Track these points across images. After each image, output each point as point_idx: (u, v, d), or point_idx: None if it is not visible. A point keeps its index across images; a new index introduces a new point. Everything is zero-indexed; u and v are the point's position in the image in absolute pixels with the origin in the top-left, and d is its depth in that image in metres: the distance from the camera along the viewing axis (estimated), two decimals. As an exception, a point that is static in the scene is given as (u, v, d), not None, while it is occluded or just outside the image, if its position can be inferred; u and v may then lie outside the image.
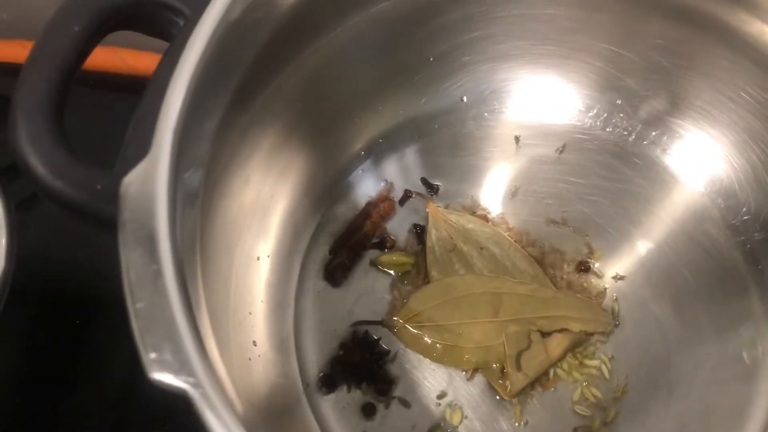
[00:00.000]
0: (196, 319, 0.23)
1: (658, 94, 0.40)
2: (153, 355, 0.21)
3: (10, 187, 0.45)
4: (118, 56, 0.52)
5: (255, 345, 0.35)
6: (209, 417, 0.20)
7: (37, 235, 0.45)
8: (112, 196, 0.26)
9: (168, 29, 0.30)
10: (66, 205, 0.26)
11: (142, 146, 0.26)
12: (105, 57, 0.53)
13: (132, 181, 0.24)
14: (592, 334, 0.37)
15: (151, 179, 0.23)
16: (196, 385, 0.21)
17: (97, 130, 0.37)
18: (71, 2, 0.28)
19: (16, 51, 0.55)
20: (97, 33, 0.29)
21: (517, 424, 0.36)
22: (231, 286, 0.33)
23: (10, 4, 0.56)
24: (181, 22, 0.30)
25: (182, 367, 0.21)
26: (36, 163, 0.26)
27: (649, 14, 0.38)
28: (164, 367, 0.21)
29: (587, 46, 0.40)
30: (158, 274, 0.22)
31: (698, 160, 0.41)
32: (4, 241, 0.42)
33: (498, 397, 0.36)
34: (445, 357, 0.37)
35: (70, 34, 0.28)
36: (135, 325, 0.22)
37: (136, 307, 0.22)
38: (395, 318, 0.38)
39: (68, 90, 0.28)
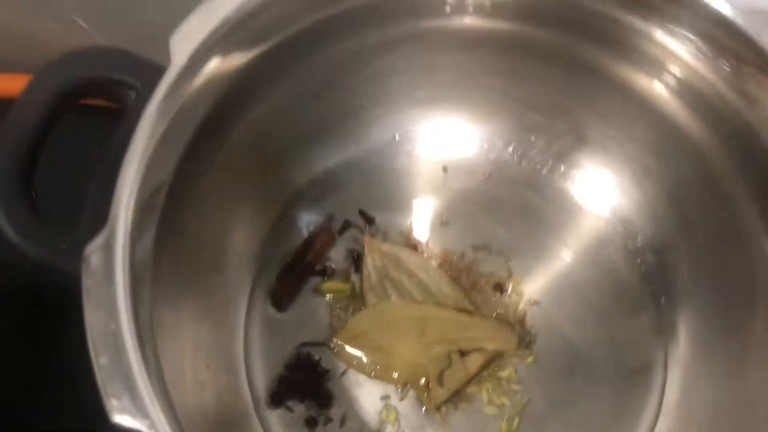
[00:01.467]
0: (151, 364, 0.28)
1: (565, 132, 0.45)
2: (114, 402, 0.26)
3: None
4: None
5: (208, 368, 0.40)
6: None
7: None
8: (75, 255, 0.30)
9: (123, 100, 0.34)
10: (37, 265, 0.31)
11: (100, 213, 0.30)
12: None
13: (93, 251, 0.28)
14: (503, 352, 0.42)
15: (110, 250, 0.28)
16: (151, 426, 0.25)
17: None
18: (36, 84, 0.32)
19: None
20: (60, 107, 0.33)
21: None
22: (185, 320, 0.38)
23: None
24: (134, 95, 0.34)
25: (139, 411, 0.26)
26: (9, 231, 0.30)
27: (550, 63, 0.42)
28: (124, 411, 0.26)
29: (502, 90, 0.45)
30: (117, 333, 0.27)
31: (601, 190, 0.46)
32: None
33: (425, 409, 0.41)
34: (380, 374, 0.42)
35: (37, 111, 0.32)
36: (98, 377, 0.26)
37: (99, 361, 0.26)
38: (335, 339, 0.42)
39: (37, 158, 0.32)
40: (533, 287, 0.45)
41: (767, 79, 0.33)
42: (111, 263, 0.27)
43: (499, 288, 0.44)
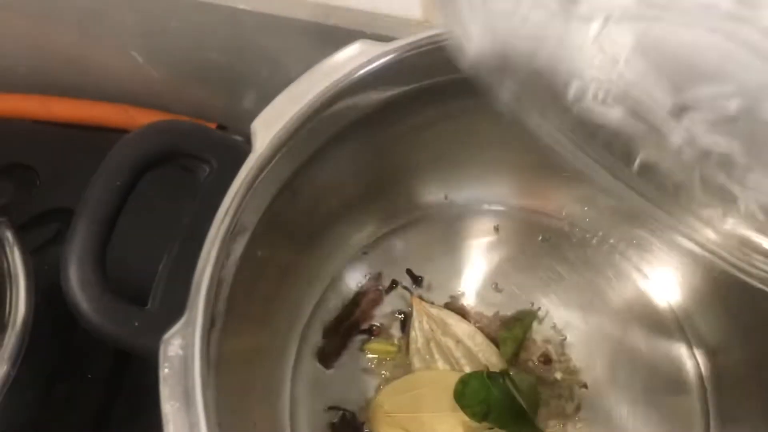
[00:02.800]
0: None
1: (621, 207, 0.46)
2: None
3: (26, 238, 0.49)
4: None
5: (254, 426, 0.40)
6: None
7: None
8: (146, 330, 0.31)
9: (196, 174, 0.35)
10: (109, 340, 0.31)
11: (172, 291, 0.31)
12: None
13: (170, 340, 0.28)
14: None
15: (188, 342, 0.28)
16: None
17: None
18: (112, 161, 0.33)
19: (33, 106, 0.59)
20: (135, 181, 0.33)
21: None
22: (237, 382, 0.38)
23: (27, 59, 0.59)
24: (207, 169, 0.34)
25: None
26: (85, 306, 0.31)
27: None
28: None
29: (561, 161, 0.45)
30: (195, 426, 0.27)
31: (659, 277, 0.46)
32: (23, 289, 0.47)
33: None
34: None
35: (112, 188, 0.32)
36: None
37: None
38: (365, 410, 0.43)
39: (111, 235, 0.33)
40: (580, 360, 0.45)
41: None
42: (190, 355, 0.28)
43: (547, 360, 0.44)
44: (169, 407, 0.27)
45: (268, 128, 0.32)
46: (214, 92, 0.57)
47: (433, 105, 0.41)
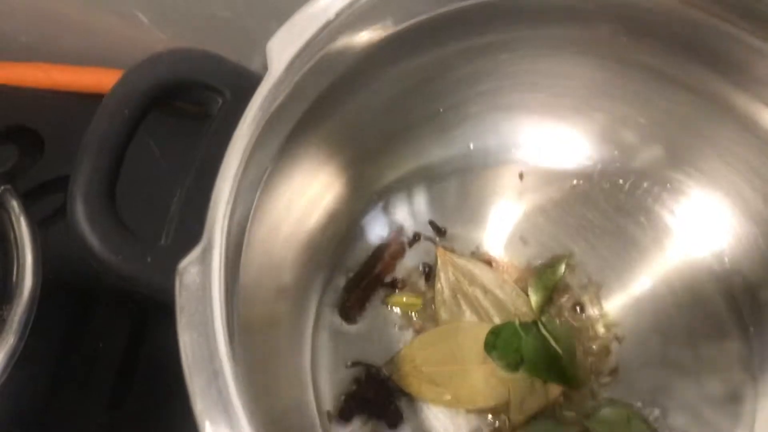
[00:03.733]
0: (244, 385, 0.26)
1: (656, 149, 0.43)
2: (209, 426, 0.24)
3: (33, 208, 0.48)
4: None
5: (278, 381, 0.38)
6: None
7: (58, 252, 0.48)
8: (160, 267, 0.29)
9: (207, 106, 0.33)
10: (121, 277, 0.29)
11: (185, 225, 0.29)
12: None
13: (186, 268, 0.26)
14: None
15: (206, 268, 0.26)
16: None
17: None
18: (120, 88, 0.31)
19: (36, 75, 0.57)
20: (144, 113, 0.31)
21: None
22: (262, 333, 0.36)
23: (28, 27, 0.58)
24: (220, 100, 0.32)
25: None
26: (94, 241, 0.29)
27: (641, 76, 0.40)
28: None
29: (590, 101, 0.43)
30: (214, 355, 0.25)
31: (692, 216, 0.44)
32: (30, 259, 0.45)
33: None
34: (440, 398, 0.40)
35: (120, 119, 0.30)
36: (193, 400, 0.25)
37: (193, 384, 0.25)
38: (392, 365, 0.41)
39: (120, 168, 0.31)
40: (614, 309, 0.43)
41: None
42: (208, 281, 0.26)
43: (580, 307, 0.42)
44: (187, 337, 0.25)
45: (285, 49, 0.30)
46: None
47: (455, 40, 0.38)
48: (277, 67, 0.29)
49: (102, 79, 0.56)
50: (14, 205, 0.46)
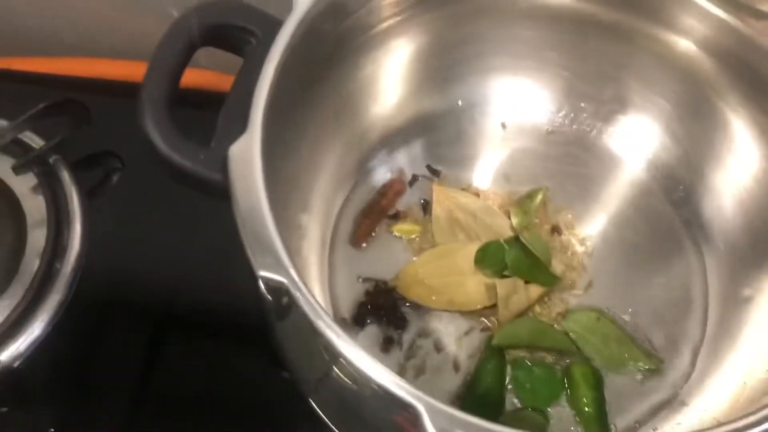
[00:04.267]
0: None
1: (609, 96, 0.52)
2: (260, 260, 0.31)
3: (82, 177, 0.54)
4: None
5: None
6: (298, 296, 0.31)
7: (105, 220, 0.53)
8: (211, 163, 0.36)
9: (242, 46, 0.40)
10: (178, 170, 0.37)
11: (231, 131, 0.37)
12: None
13: (236, 149, 0.34)
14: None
15: (250, 147, 0.34)
16: (287, 277, 0.31)
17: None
18: (174, 28, 0.39)
19: (79, 67, 0.64)
20: (192, 48, 0.39)
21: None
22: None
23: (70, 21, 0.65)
24: (254, 41, 0.40)
25: (278, 270, 0.31)
26: (158, 141, 0.36)
27: (598, 36, 0.49)
28: (267, 268, 0.31)
29: (555, 61, 0.52)
30: (258, 210, 0.32)
31: (641, 146, 0.52)
32: (78, 225, 0.52)
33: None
34: (440, 303, 0.47)
35: (176, 49, 0.38)
36: (246, 244, 0.32)
37: (248, 236, 0.32)
38: (397, 279, 0.48)
39: (176, 88, 0.38)
40: (585, 231, 0.50)
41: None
42: (251, 156, 0.33)
43: (556, 230, 0.49)
44: (242, 199, 0.33)
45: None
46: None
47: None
48: (302, 5, 0.37)
49: (135, 71, 0.64)
50: (65, 175, 0.53)
